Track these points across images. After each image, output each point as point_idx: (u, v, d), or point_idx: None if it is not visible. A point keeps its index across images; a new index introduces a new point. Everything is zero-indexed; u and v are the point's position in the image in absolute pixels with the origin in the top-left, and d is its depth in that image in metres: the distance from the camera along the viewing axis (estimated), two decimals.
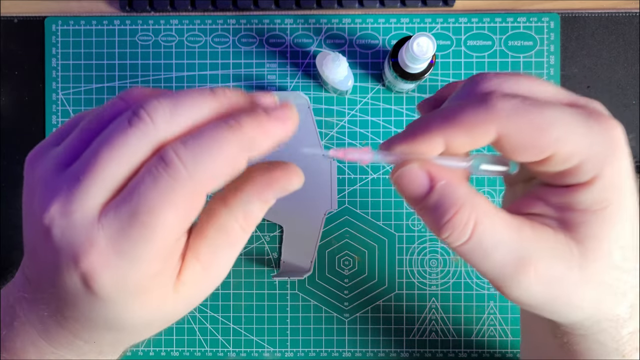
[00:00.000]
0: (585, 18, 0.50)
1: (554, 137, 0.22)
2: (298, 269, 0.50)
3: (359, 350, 0.50)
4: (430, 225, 0.23)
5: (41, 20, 0.51)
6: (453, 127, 0.22)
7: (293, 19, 0.51)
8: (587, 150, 0.22)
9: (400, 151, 0.23)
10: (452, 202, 0.22)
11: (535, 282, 0.23)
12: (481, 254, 0.22)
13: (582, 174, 0.22)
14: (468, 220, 0.22)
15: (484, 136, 0.22)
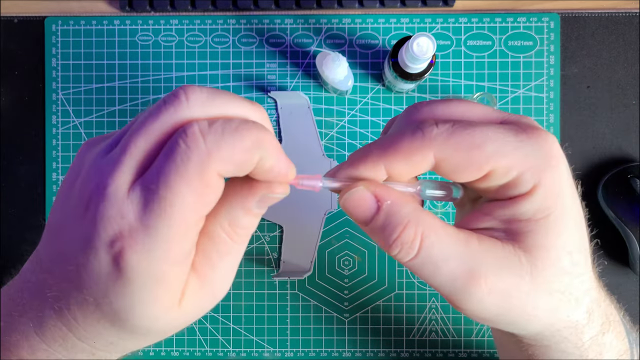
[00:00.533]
0: (585, 18, 0.50)
1: (488, 153, 0.23)
2: (298, 269, 0.50)
3: (359, 350, 0.50)
4: (380, 244, 0.24)
5: (41, 20, 0.51)
6: (391, 155, 0.23)
7: (293, 19, 0.51)
8: (522, 162, 0.23)
9: (346, 176, 0.24)
10: (399, 220, 0.23)
11: (487, 294, 0.23)
12: (431, 268, 0.23)
13: (522, 185, 0.23)
14: (415, 237, 0.23)
15: (422, 162, 0.23)
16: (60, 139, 0.51)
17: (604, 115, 0.50)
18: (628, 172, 0.48)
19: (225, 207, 0.24)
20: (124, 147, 0.22)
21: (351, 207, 0.24)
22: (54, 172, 0.51)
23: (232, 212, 0.24)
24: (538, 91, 0.50)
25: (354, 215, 0.24)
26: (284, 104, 0.50)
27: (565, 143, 0.50)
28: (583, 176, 0.50)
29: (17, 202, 0.51)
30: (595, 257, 0.29)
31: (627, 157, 0.50)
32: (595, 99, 0.50)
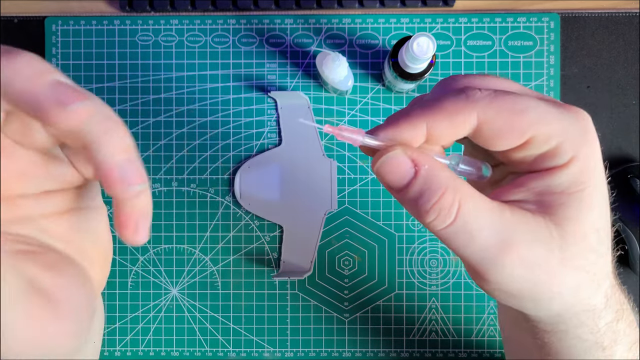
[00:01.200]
0: (585, 18, 0.50)
1: (532, 119, 0.22)
2: (298, 269, 0.50)
3: (359, 350, 0.50)
4: (413, 210, 0.23)
5: (41, 20, 0.51)
6: (435, 114, 0.23)
7: (293, 19, 0.51)
8: (563, 132, 0.23)
9: (385, 137, 0.23)
10: (437, 185, 0.22)
11: (518, 265, 0.23)
12: (466, 237, 0.23)
13: (560, 156, 0.23)
14: (453, 202, 0.22)
15: (466, 123, 0.23)
16: None
17: (604, 115, 0.50)
18: (628, 172, 0.48)
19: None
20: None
21: (387, 172, 0.23)
22: None
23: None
24: (538, 91, 0.50)
25: (390, 180, 0.23)
26: (284, 104, 0.50)
27: None
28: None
29: None
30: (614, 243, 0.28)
31: (627, 157, 0.50)
32: (595, 99, 0.50)
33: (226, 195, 0.51)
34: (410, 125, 0.23)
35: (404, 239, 0.50)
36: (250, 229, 0.51)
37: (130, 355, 0.51)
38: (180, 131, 0.51)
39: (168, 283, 0.51)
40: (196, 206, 0.51)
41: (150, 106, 0.51)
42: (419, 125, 0.23)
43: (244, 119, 0.51)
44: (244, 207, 0.50)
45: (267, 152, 0.50)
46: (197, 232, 0.51)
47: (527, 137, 0.23)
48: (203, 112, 0.51)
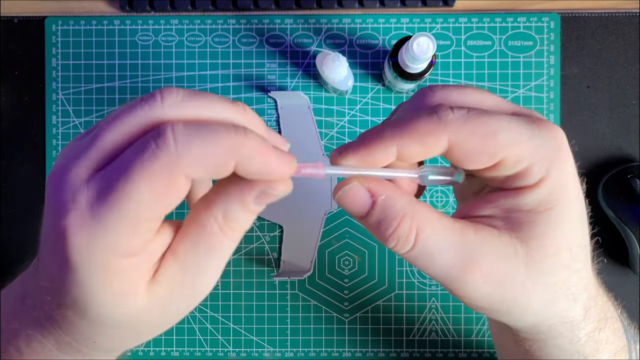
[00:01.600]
0: (585, 18, 0.50)
1: (502, 142, 0.23)
2: (298, 269, 0.50)
3: (359, 350, 0.50)
4: (376, 237, 0.24)
5: (41, 20, 0.51)
6: (406, 136, 0.23)
7: (293, 19, 0.51)
8: (533, 153, 0.23)
9: (357, 156, 0.24)
10: (394, 214, 0.23)
11: (482, 282, 0.23)
12: (427, 259, 0.23)
13: (530, 177, 0.23)
14: (410, 229, 0.23)
15: (436, 145, 0.23)
16: (60, 139, 0.51)
17: (604, 115, 0.50)
18: (628, 172, 0.48)
19: (222, 198, 0.23)
20: (93, 137, 0.21)
21: (347, 203, 0.24)
22: None
23: (229, 205, 0.23)
24: (538, 91, 0.50)
25: (350, 210, 0.24)
26: (284, 104, 0.50)
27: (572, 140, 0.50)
28: (583, 176, 0.50)
29: (17, 202, 0.51)
30: (595, 254, 0.29)
31: (627, 157, 0.50)
32: (595, 99, 0.50)
33: None
34: (381, 147, 0.23)
35: None
36: (250, 229, 0.51)
37: (131, 355, 0.51)
38: None
39: None
40: None
41: None
42: (389, 147, 0.23)
43: None
44: None
45: None
46: None
47: (497, 160, 0.23)
48: None
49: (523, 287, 0.24)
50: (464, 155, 0.23)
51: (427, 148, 0.23)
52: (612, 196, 0.48)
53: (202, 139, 0.20)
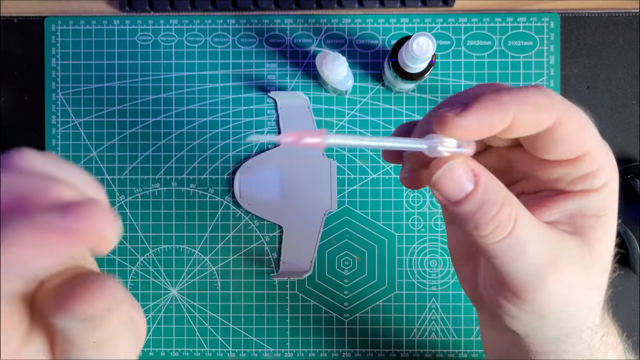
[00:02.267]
0: (585, 18, 0.50)
1: (590, 136, 0.23)
2: (298, 269, 0.50)
3: (358, 351, 0.50)
4: (467, 222, 0.22)
5: (41, 20, 0.51)
6: (524, 104, 0.22)
7: (293, 19, 0.51)
8: (605, 157, 0.24)
9: (472, 124, 0.22)
10: (496, 198, 0.22)
11: (558, 284, 0.23)
12: (518, 250, 0.22)
13: (598, 179, 0.24)
14: (510, 216, 0.22)
15: (547, 120, 0.22)
16: (60, 139, 0.51)
17: (604, 115, 0.50)
18: (628, 172, 0.48)
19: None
20: None
21: (446, 183, 0.22)
22: None
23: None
24: None
25: (448, 191, 0.22)
26: (283, 104, 0.50)
27: None
28: None
29: None
30: None
31: (627, 157, 0.50)
32: (595, 99, 0.50)
33: (226, 196, 0.51)
34: (502, 111, 0.21)
35: (404, 239, 0.50)
36: (249, 229, 0.51)
37: None
38: (179, 131, 0.51)
39: (167, 283, 0.51)
40: (196, 206, 0.51)
41: (150, 106, 0.51)
42: (508, 112, 0.21)
43: (244, 119, 0.51)
44: (243, 207, 0.50)
45: (266, 152, 0.50)
46: (197, 232, 0.51)
47: (583, 152, 0.23)
48: (203, 112, 0.51)
49: (584, 291, 0.24)
50: (566, 136, 0.23)
51: (539, 121, 0.22)
52: None
53: None
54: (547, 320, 0.25)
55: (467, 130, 0.22)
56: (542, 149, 0.23)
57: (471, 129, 0.22)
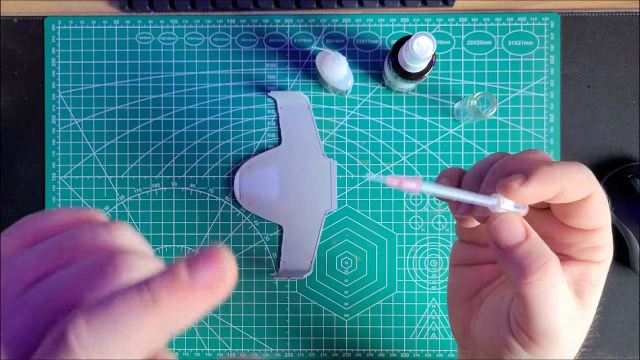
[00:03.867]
0: (585, 18, 0.50)
1: (608, 215, 0.28)
2: (298, 269, 0.50)
3: (358, 351, 0.50)
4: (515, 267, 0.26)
5: (41, 20, 0.51)
6: (572, 181, 0.26)
7: (293, 18, 0.51)
8: (611, 237, 0.29)
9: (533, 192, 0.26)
10: (544, 251, 0.26)
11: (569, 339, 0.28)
12: (551, 304, 0.26)
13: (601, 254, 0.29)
14: (555, 271, 0.26)
15: (584, 194, 0.27)
16: (60, 139, 0.51)
17: (604, 115, 0.50)
18: (628, 172, 0.48)
19: None
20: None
21: (503, 230, 0.27)
22: (53, 172, 0.51)
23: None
24: (538, 91, 0.50)
25: (503, 237, 0.27)
26: (283, 104, 0.50)
27: (572, 140, 0.50)
28: None
29: (16, 202, 0.51)
30: None
31: (627, 157, 0.50)
32: (595, 98, 0.50)
33: (226, 195, 0.51)
34: (556, 184, 0.26)
35: (404, 239, 0.50)
36: (250, 229, 0.51)
37: None
38: (180, 131, 0.51)
39: None
40: (196, 206, 0.51)
41: (150, 106, 0.51)
42: (561, 186, 0.26)
43: (244, 118, 0.51)
44: (243, 207, 0.50)
45: (267, 152, 0.50)
46: (197, 232, 0.51)
47: (599, 227, 0.28)
48: (203, 112, 0.51)
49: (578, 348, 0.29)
50: (593, 211, 0.28)
51: (579, 194, 0.27)
52: (612, 196, 0.48)
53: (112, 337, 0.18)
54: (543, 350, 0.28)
55: (527, 198, 0.26)
56: (569, 216, 0.28)
57: (530, 197, 0.26)
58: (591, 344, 0.50)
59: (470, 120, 0.49)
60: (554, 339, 0.27)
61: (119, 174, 0.51)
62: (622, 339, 0.50)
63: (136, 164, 0.51)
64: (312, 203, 0.50)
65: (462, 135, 0.50)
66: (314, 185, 0.50)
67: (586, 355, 0.50)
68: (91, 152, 0.51)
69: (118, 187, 0.51)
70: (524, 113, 0.50)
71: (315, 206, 0.50)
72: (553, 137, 0.50)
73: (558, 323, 0.27)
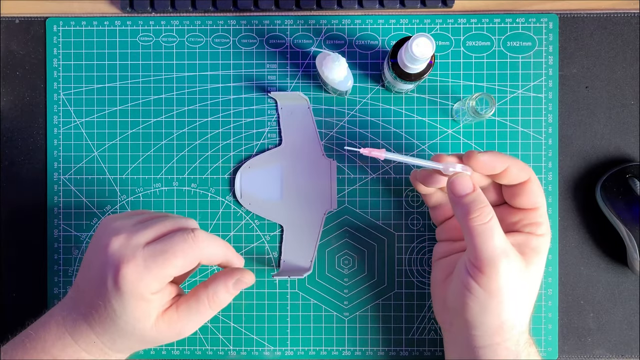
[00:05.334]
0: (583, 18, 0.51)
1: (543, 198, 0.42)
2: (298, 268, 0.50)
3: (358, 349, 0.51)
4: (463, 209, 0.39)
5: (42, 21, 0.52)
6: (514, 162, 0.41)
7: (293, 19, 0.51)
8: (547, 218, 0.42)
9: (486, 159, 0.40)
10: (484, 200, 0.39)
11: (506, 269, 0.38)
12: (489, 234, 0.38)
13: (540, 229, 0.42)
14: (490, 212, 0.39)
15: (524, 176, 0.41)
16: (61, 139, 0.51)
17: (603, 115, 0.51)
18: (626, 172, 0.49)
19: (214, 281, 0.39)
20: (149, 225, 0.38)
21: (457, 183, 0.39)
22: (55, 172, 0.51)
23: (216, 286, 0.39)
24: (537, 91, 0.50)
25: (457, 189, 0.39)
26: (284, 104, 0.51)
27: (571, 140, 0.51)
28: (582, 176, 0.51)
29: (18, 202, 0.52)
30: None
31: (625, 157, 0.51)
32: (593, 99, 0.51)
33: (226, 195, 0.51)
34: (503, 161, 0.40)
35: (403, 238, 0.51)
36: (250, 228, 0.51)
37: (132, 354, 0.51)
38: (181, 131, 0.51)
39: None
40: (197, 206, 0.51)
41: (151, 106, 0.51)
42: (506, 163, 0.40)
43: (245, 119, 0.51)
44: (244, 206, 0.51)
45: (267, 152, 0.51)
46: None
47: (537, 206, 0.42)
48: (204, 112, 0.51)
49: (520, 288, 0.39)
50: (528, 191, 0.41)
51: (520, 175, 0.41)
52: (611, 196, 0.48)
53: (213, 241, 0.39)
54: (492, 300, 0.38)
55: (480, 162, 0.40)
56: (514, 197, 0.42)
57: (482, 162, 0.40)
58: (589, 343, 0.50)
59: (469, 120, 0.49)
60: (494, 266, 0.37)
61: (120, 174, 0.51)
62: (621, 338, 0.50)
63: (137, 164, 0.51)
64: (312, 203, 0.50)
65: (461, 136, 0.50)
66: (314, 185, 0.50)
67: (586, 355, 0.51)
68: (93, 152, 0.51)
69: (120, 187, 0.51)
70: (522, 113, 0.50)
71: (315, 206, 0.50)
72: (551, 137, 0.50)
73: (495, 251, 0.38)
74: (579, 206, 0.51)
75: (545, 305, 0.50)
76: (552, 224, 0.50)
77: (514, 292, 0.38)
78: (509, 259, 0.38)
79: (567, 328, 0.50)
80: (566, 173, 0.51)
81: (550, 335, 0.50)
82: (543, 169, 0.50)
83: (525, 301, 0.40)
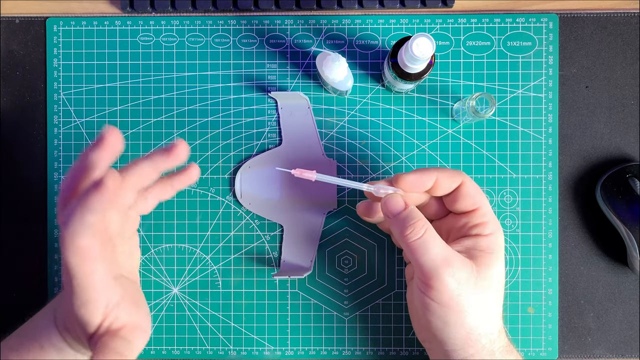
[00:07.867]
0: (583, 18, 0.51)
1: (483, 198, 0.42)
2: (298, 268, 0.50)
3: (358, 349, 0.51)
4: (398, 228, 0.39)
5: (42, 21, 0.52)
6: (442, 172, 0.41)
7: (293, 19, 0.51)
8: (492, 217, 0.41)
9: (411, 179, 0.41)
10: (416, 215, 0.40)
11: (451, 278, 0.38)
12: (425, 247, 0.38)
13: (487, 229, 0.41)
14: (423, 226, 0.39)
15: (456, 182, 0.41)
16: (61, 139, 0.51)
17: (603, 115, 0.51)
18: (626, 171, 0.49)
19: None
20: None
21: (390, 204, 0.40)
22: (55, 172, 0.51)
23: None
24: (537, 91, 0.50)
25: (390, 209, 0.40)
26: (284, 104, 0.51)
27: (571, 140, 0.51)
28: (581, 176, 0.51)
29: (18, 202, 0.52)
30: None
31: (625, 157, 0.51)
32: (593, 99, 0.51)
33: (227, 195, 0.51)
34: (430, 175, 0.41)
35: None
36: (250, 228, 0.51)
37: None
38: (181, 131, 0.51)
39: (169, 282, 0.51)
40: (197, 206, 0.51)
41: (152, 106, 0.51)
42: (433, 176, 0.41)
43: (245, 119, 0.51)
44: (244, 206, 0.51)
45: (267, 152, 0.51)
46: (198, 231, 0.51)
47: (476, 207, 0.41)
48: (204, 112, 0.51)
49: (471, 291, 0.38)
50: (464, 194, 0.41)
51: (451, 183, 0.41)
52: (611, 196, 0.48)
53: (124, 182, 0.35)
54: (449, 311, 0.38)
55: (408, 183, 0.41)
56: (453, 203, 0.42)
57: (410, 183, 0.41)
58: (589, 343, 0.50)
59: (469, 120, 0.49)
60: (439, 277, 0.38)
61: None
62: (621, 338, 0.50)
63: None
64: (312, 202, 0.50)
65: (461, 135, 0.51)
66: (315, 185, 0.50)
67: (586, 355, 0.51)
68: None
69: None
70: (522, 113, 0.50)
71: (315, 206, 0.50)
72: (552, 137, 0.50)
73: (435, 262, 0.38)
74: (579, 206, 0.51)
75: (545, 305, 0.50)
76: (552, 224, 0.50)
77: (470, 299, 0.38)
78: (453, 267, 0.38)
79: (567, 328, 0.50)
80: (566, 173, 0.51)
81: (550, 335, 0.50)
82: (543, 169, 0.50)
83: (487, 305, 0.39)
